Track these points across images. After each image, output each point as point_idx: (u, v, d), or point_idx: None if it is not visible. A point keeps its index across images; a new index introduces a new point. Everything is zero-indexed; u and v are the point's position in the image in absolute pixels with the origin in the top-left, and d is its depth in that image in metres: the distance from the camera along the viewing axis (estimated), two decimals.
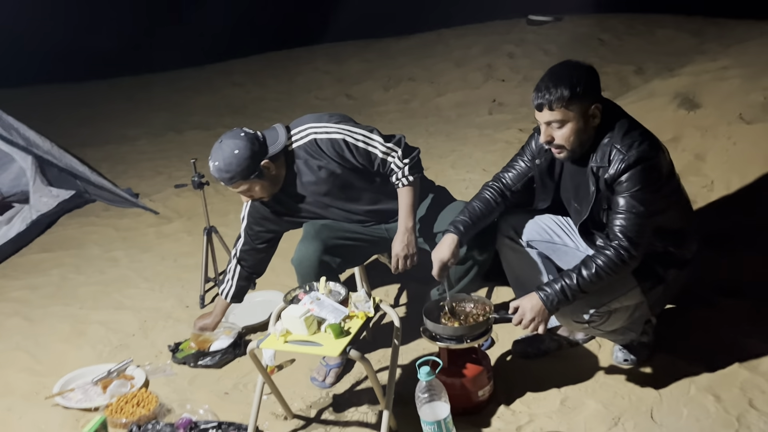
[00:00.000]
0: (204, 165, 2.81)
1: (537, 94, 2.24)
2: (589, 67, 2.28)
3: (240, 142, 2.50)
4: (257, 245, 2.80)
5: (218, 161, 2.52)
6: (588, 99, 2.22)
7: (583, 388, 2.51)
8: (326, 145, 2.60)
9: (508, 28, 7.28)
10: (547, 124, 2.25)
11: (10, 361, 3.03)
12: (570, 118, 2.21)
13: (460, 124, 5.62)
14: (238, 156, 2.49)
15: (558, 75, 2.24)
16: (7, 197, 4.81)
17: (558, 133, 2.24)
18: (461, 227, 2.50)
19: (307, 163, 2.62)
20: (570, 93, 2.18)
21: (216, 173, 2.53)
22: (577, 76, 2.22)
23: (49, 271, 3.97)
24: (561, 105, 2.19)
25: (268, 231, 2.79)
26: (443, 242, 2.49)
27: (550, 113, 2.21)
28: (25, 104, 6.06)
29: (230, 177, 2.52)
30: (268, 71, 7.96)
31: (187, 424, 2.40)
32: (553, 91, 2.19)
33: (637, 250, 2.21)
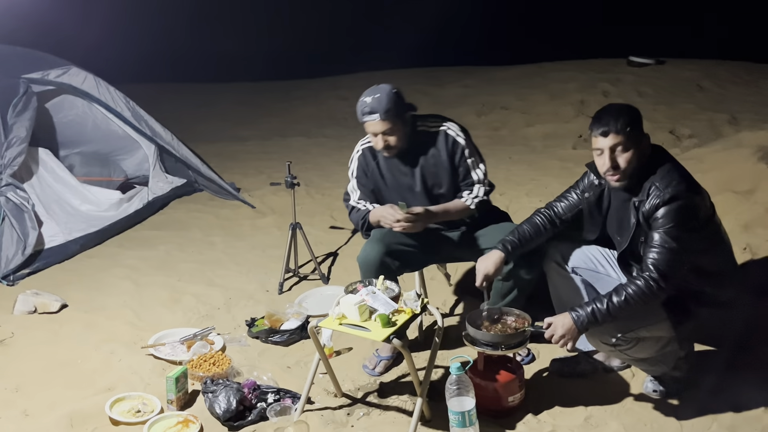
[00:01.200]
0: (297, 168, 3.20)
1: (598, 124, 2.48)
2: (634, 107, 2.55)
3: (396, 88, 2.87)
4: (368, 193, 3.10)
5: (379, 94, 2.79)
6: (641, 131, 2.48)
7: (608, 410, 2.68)
8: (450, 142, 2.97)
9: (607, 67, 7.34)
10: (612, 150, 2.46)
11: (118, 314, 3.55)
12: (631, 143, 2.45)
13: (544, 155, 5.79)
14: (397, 95, 2.84)
15: (616, 108, 2.52)
16: (130, 179, 5.39)
17: (621, 157, 2.46)
18: (508, 246, 2.75)
19: (426, 146, 2.95)
20: (630, 121, 2.45)
21: (375, 104, 2.77)
22: (631, 111, 2.51)
23: (157, 246, 4.48)
24: (623, 132, 2.43)
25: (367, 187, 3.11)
26: (489, 256, 2.75)
27: (615, 137, 2.44)
28: (153, 99, 6.68)
29: (386, 110, 2.78)
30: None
31: (251, 385, 2.79)
32: (618, 118, 2.45)
33: (667, 282, 2.38)
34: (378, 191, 3.09)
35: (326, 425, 2.66)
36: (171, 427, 2.61)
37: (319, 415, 2.72)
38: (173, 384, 2.72)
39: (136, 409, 2.70)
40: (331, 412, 2.75)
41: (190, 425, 2.62)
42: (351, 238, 4.50)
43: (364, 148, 3.08)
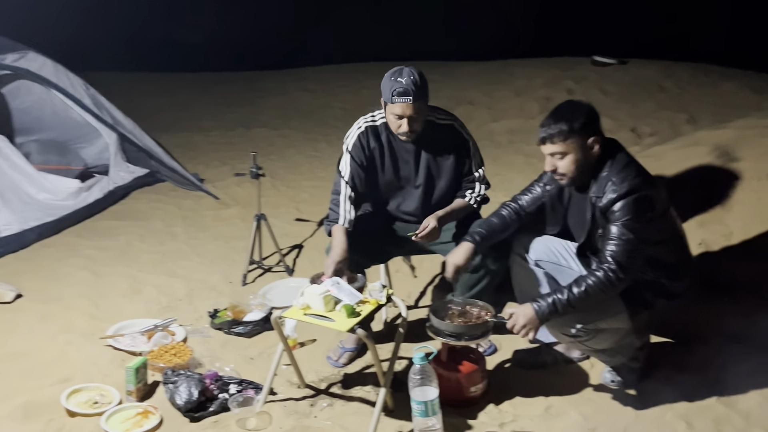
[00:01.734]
0: (263, 160, 3.14)
1: (540, 129, 2.54)
2: (588, 105, 2.58)
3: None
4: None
5: (413, 76, 2.75)
6: (585, 133, 2.50)
7: (567, 400, 2.74)
8: (458, 137, 2.98)
9: (572, 65, 7.44)
10: (551, 155, 2.52)
11: (76, 305, 3.47)
12: (570, 150, 2.49)
13: (509, 150, 5.86)
14: (424, 80, 2.79)
15: (559, 112, 2.54)
16: (90, 168, 5.25)
17: (560, 163, 2.52)
18: (477, 237, 2.79)
19: (433, 137, 2.92)
20: (568, 128, 2.47)
21: (410, 85, 2.73)
22: (576, 113, 2.52)
23: (117, 237, 4.39)
24: (561, 139, 2.48)
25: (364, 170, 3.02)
26: (459, 248, 2.78)
27: (552, 146, 2.51)
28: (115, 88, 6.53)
29: (420, 93, 2.76)
30: (337, 81, 8.36)
31: (213, 376, 2.76)
32: (554, 126, 2.49)
33: (625, 273, 2.44)
34: (372, 173, 3.00)
35: (289, 416, 2.65)
36: (130, 418, 2.56)
37: (282, 406, 2.71)
38: (133, 375, 2.67)
39: (93, 400, 2.65)
40: (294, 402, 2.75)
41: (149, 416, 2.58)
42: (317, 230, 4.48)
43: (368, 126, 2.99)
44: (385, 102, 2.85)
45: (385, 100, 2.85)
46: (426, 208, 3.04)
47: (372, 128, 2.99)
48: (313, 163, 5.78)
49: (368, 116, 3.02)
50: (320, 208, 4.79)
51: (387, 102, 2.83)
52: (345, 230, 2.89)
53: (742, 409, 2.59)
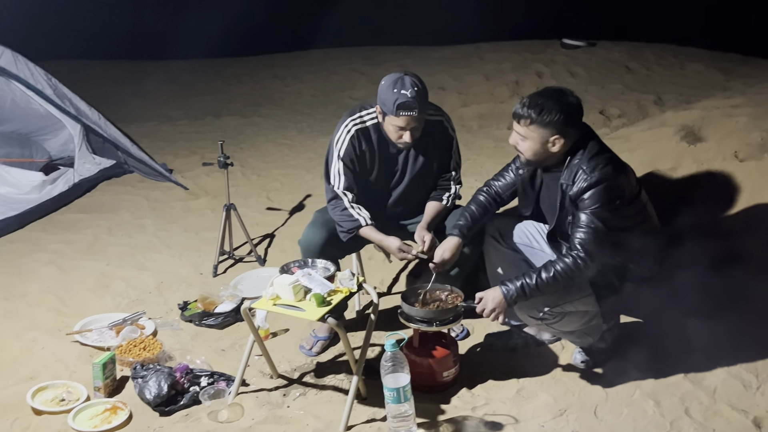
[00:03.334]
0: (232, 149, 3.07)
1: (517, 105, 2.54)
2: (572, 103, 2.51)
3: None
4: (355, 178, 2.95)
5: (419, 87, 2.69)
6: (551, 129, 2.47)
7: (539, 382, 2.77)
8: (445, 134, 2.97)
9: (542, 48, 7.46)
10: (516, 132, 2.53)
11: (41, 301, 3.40)
12: (529, 137, 2.50)
13: (479, 134, 5.86)
14: (425, 88, 2.73)
15: (538, 98, 2.51)
16: (54, 160, 5.14)
17: (520, 143, 2.55)
18: (464, 231, 2.79)
19: (425, 134, 2.84)
20: (536, 117, 2.46)
21: (418, 99, 2.68)
22: (553, 106, 2.46)
23: (84, 230, 4.30)
24: (525, 124, 2.48)
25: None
26: (449, 242, 2.77)
27: (517, 125, 2.52)
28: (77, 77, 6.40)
29: (425, 105, 2.73)
30: (307, 67, 8.27)
31: (184, 369, 2.73)
32: (526, 110, 2.48)
33: (593, 260, 2.46)
34: (361, 174, 2.95)
35: (261, 407, 2.63)
36: (98, 414, 2.53)
37: (254, 397, 2.69)
38: (100, 370, 2.63)
39: (60, 397, 2.60)
40: (266, 393, 2.73)
41: (118, 412, 2.54)
42: (288, 219, 4.45)
43: (357, 130, 2.89)
44: (385, 113, 2.77)
45: (385, 111, 2.75)
46: (408, 203, 3.04)
47: (362, 130, 2.90)
48: (283, 151, 5.73)
49: (356, 117, 2.92)
50: (291, 197, 4.76)
51: (388, 114, 2.74)
52: (373, 226, 2.86)
53: (708, 386, 2.64)
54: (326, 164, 2.96)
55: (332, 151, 2.92)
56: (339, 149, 2.90)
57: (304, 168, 5.27)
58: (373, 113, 2.90)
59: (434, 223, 2.99)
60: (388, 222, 3.00)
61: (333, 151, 2.92)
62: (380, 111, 2.82)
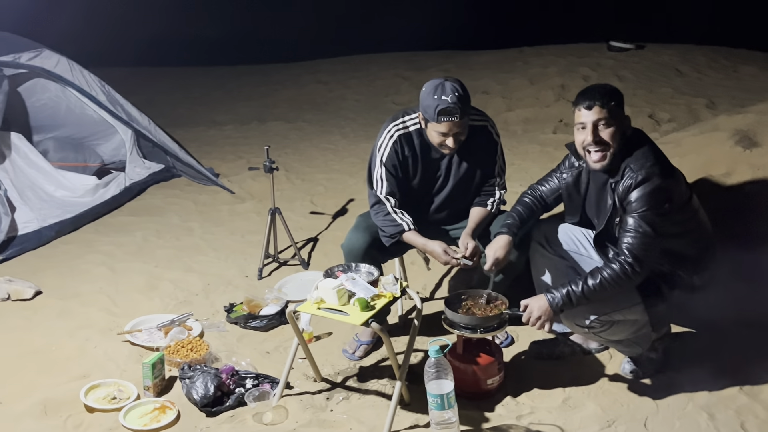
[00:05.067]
0: (277, 153, 3.12)
1: (585, 96, 2.49)
2: (619, 90, 2.56)
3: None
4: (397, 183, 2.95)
5: (460, 93, 2.67)
6: (623, 111, 2.50)
7: (586, 391, 2.71)
8: (490, 140, 2.95)
9: (588, 52, 7.36)
10: (594, 125, 2.46)
11: (93, 301, 3.51)
12: (615, 118, 2.46)
13: (524, 139, 5.80)
14: (467, 92, 2.73)
15: (601, 86, 2.54)
16: (107, 164, 5.28)
17: (604, 132, 2.46)
18: (514, 229, 2.76)
19: (468, 140, 2.83)
20: (616, 98, 2.47)
21: (459, 104, 2.66)
22: (615, 91, 2.52)
23: (134, 233, 4.42)
24: (611, 104, 2.44)
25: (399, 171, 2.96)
26: (499, 241, 2.74)
27: (600, 110, 2.44)
28: (129, 84, 6.57)
29: (464, 108, 2.69)
30: (351, 73, 8.34)
31: (229, 370, 2.77)
32: (603, 92, 2.46)
33: (642, 267, 2.40)
34: (404, 179, 2.93)
35: (305, 410, 2.65)
36: (147, 413, 2.58)
37: (298, 400, 2.71)
38: (150, 370, 2.69)
39: (111, 395, 2.67)
40: (310, 396, 2.75)
41: (166, 411, 2.59)
42: (331, 223, 4.48)
43: (401, 135, 2.88)
44: (427, 120, 2.76)
45: (427, 117, 2.75)
46: (451, 209, 3.03)
47: (405, 136, 2.89)
48: (327, 156, 5.78)
49: (398, 122, 2.91)
50: (335, 201, 4.79)
51: (430, 120, 2.74)
52: (416, 231, 2.85)
53: (765, 399, 2.55)
54: (369, 169, 2.96)
55: (375, 157, 2.93)
56: (381, 154, 2.90)
57: (348, 172, 5.30)
58: (415, 118, 2.89)
59: (479, 229, 2.96)
60: (430, 227, 2.99)
61: (376, 157, 2.93)
62: (422, 117, 2.81)
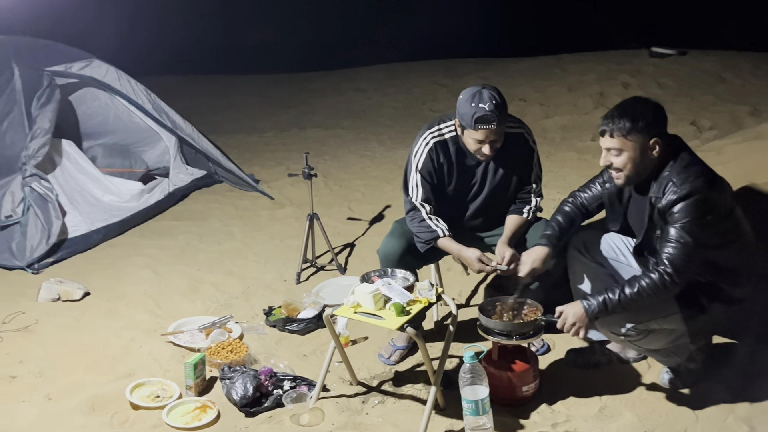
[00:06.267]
0: (316, 160, 3.17)
1: (603, 121, 2.48)
2: (656, 104, 2.49)
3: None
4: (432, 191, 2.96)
5: (497, 100, 2.69)
6: (648, 133, 2.42)
7: (623, 400, 2.69)
8: (526, 147, 2.95)
9: (628, 58, 7.27)
10: (607, 150, 2.47)
11: (138, 302, 3.62)
12: (627, 147, 2.43)
13: (561, 146, 5.76)
14: (504, 100, 2.73)
15: (624, 107, 2.47)
16: (151, 170, 5.45)
17: (615, 159, 2.47)
18: (553, 240, 2.75)
19: (504, 147, 2.84)
20: (631, 125, 2.40)
21: (496, 112, 2.68)
22: (642, 111, 2.44)
23: (177, 236, 4.54)
24: (621, 134, 2.42)
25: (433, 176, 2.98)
26: (536, 251, 2.73)
27: (610, 140, 2.44)
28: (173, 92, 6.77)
29: (501, 116, 2.71)
30: (389, 80, 8.41)
31: (268, 372, 2.84)
32: (617, 121, 2.42)
33: (680, 277, 2.37)
34: (440, 186, 2.95)
35: (341, 412, 2.69)
36: (189, 412, 2.66)
37: (335, 403, 2.76)
38: (191, 370, 2.77)
39: (155, 394, 2.76)
40: (346, 399, 2.79)
41: (207, 410, 2.67)
42: (368, 229, 4.53)
43: (436, 142, 2.90)
44: (464, 127, 2.78)
45: (464, 125, 2.77)
46: (486, 216, 3.04)
47: (440, 143, 2.91)
48: (365, 163, 5.84)
49: (434, 130, 2.94)
50: (372, 207, 4.85)
51: (467, 128, 2.76)
52: (451, 237, 2.87)
53: None
54: (405, 176, 3.00)
55: (410, 164, 2.96)
56: (417, 162, 2.93)
57: (385, 179, 5.35)
58: (451, 126, 2.92)
59: (515, 237, 2.97)
60: (466, 234, 3.01)
61: (411, 164, 2.96)
62: (459, 124, 2.84)
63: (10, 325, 3.37)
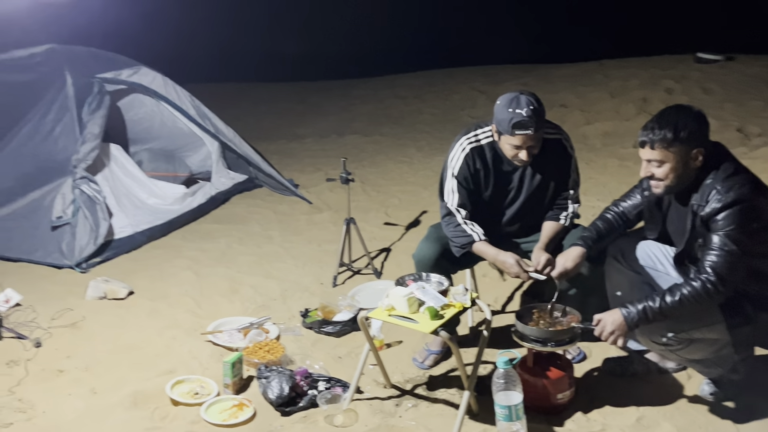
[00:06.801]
0: (354, 166, 3.17)
1: (642, 132, 2.44)
2: (698, 113, 2.43)
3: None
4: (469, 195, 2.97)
5: (535, 106, 2.68)
6: (690, 144, 2.37)
7: (661, 411, 2.64)
8: (564, 153, 2.95)
9: (672, 64, 7.13)
10: (648, 161, 2.44)
11: (180, 303, 3.72)
12: (669, 159, 2.38)
13: (602, 153, 5.69)
14: (542, 106, 2.73)
15: (665, 117, 2.41)
16: (194, 174, 5.57)
17: (656, 170, 2.43)
18: (589, 242, 2.74)
19: (542, 153, 2.84)
20: (673, 136, 2.35)
21: (534, 117, 2.68)
22: (684, 121, 2.38)
23: (218, 239, 4.63)
24: (662, 146, 2.37)
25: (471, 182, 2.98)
26: (571, 251, 2.73)
27: (651, 152, 2.40)
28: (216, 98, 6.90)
29: (539, 122, 2.70)
30: (428, 87, 8.43)
31: (303, 373, 2.88)
32: (658, 132, 2.37)
33: (724, 286, 2.32)
34: (476, 192, 2.96)
35: (375, 414, 2.72)
36: (226, 409, 2.72)
37: (368, 405, 2.78)
38: (229, 369, 2.83)
39: (194, 391, 2.83)
40: (380, 402, 2.81)
41: (244, 408, 2.73)
42: (404, 234, 4.55)
43: (472, 149, 2.91)
44: (501, 132, 2.78)
45: (501, 130, 2.77)
46: (523, 221, 3.03)
47: (477, 149, 2.91)
48: (402, 169, 5.87)
49: (470, 136, 2.94)
50: (408, 213, 4.87)
51: (504, 133, 2.76)
52: (486, 242, 2.87)
53: None
54: (441, 182, 3.01)
55: (447, 169, 2.97)
56: (453, 167, 2.94)
57: (422, 185, 5.37)
58: (488, 132, 2.92)
59: (552, 243, 2.95)
60: (502, 240, 3.00)
61: (447, 169, 2.96)
62: (496, 130, 2.84)
63: (59, 321, 3.49)
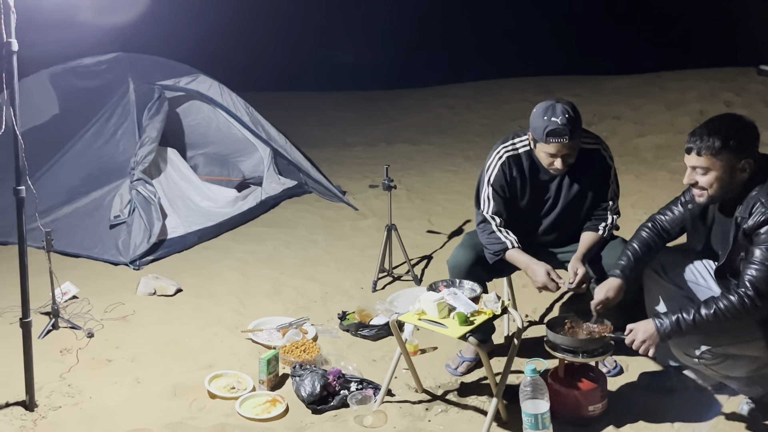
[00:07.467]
0: (400, 174, 3.22)
1: (690, 138, 2.39)
2: (750, 123, 2.38)
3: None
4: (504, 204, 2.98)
5: (570, 114, 2.68)
6: (739, 153, 2.32)
7: (697, 429, 2.57)
8: (603, 163, 2.94)
9: (733, 76, 6.91)
10: (692, 168, 2.39)
11: (225, 301, 3.85)
12: (715, 167, 2.33)
13: (654, 166, 5.57)
14: (578, 115, 2.73)
15: (716, 124, 2.36)
16: (246, 179, 5.78)
17: (701, 178, 2.38)
18: (627, 272, 2.66)
19: (578, 160, 2.83)
20: (721, 144, 2.30)
21: (569, 125, 2.67)
22: (735, 129, 2.33)
23: (266, 242, 4.77)
24: (709, 153, 2.32)
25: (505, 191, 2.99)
26: (608, 284, 2.65)
27: (697, 158, 2.35)
28: (269, 106, 7.09)
29: (574, 130, 2.69)
30: (479, 98, 8.43)
31: (337, 373, 2.95)
32: (706, 139, 2.32)
33: (763, 301, 2.26)
34: (512, 200, 2.96)
35: (404, 417, 2.75)
36: (260, 404, 2.81)
37: (398, 407, 2.82)
38: (265, 366, 2.93)
39: (231, 385, 2.94)
40: (410, 405, 2.84)
41: (276, 404, 2.81)
42: (446, 242, 4.58)
43: (509, 157, 2.92)
44: (537, 140, 2.78)
45: (536, 138, 2.77)
46: (560, 231, 3.02)
47: (514, 157, 2.92)
48: (449, 178, 5.89)
49: (507, 144, 2.95)
50: (451, 221, 4.89)
51: (539, 141, 2.76)
52: (520, 249, 2.87)
53: None
54: (477, 189, 3.03)
55: (483, 177, 2.99)
56: (489, 175, 2.95)
57: (467, 194, 5.38)
58: (525, 140, 2.93)
59: (590, 254, 2.92)
60: (538, 249, 2.99)
61: (484, 177, 2.98)
62: (532, 138, 2.84)
63: (111, 314, 3.68)
